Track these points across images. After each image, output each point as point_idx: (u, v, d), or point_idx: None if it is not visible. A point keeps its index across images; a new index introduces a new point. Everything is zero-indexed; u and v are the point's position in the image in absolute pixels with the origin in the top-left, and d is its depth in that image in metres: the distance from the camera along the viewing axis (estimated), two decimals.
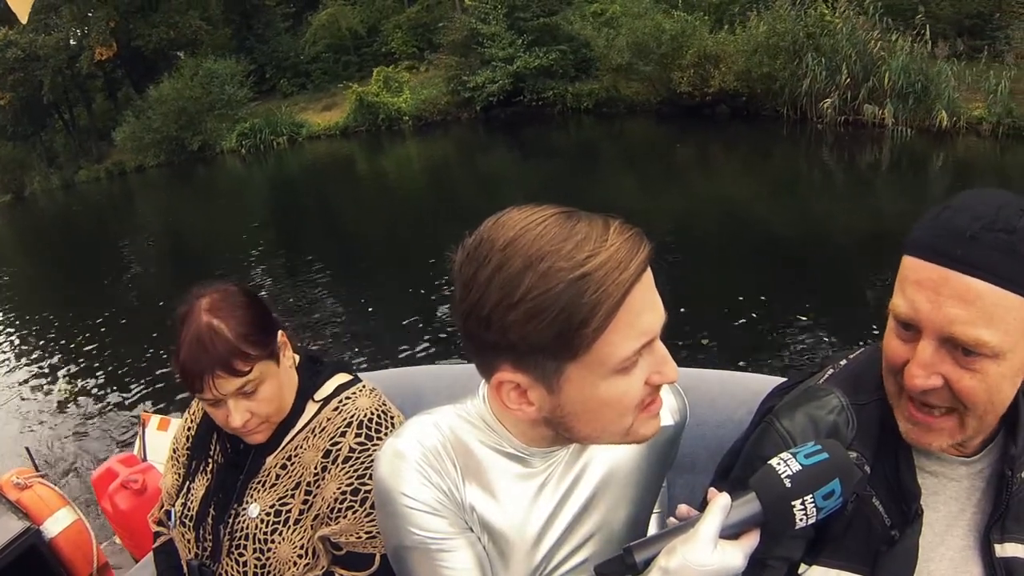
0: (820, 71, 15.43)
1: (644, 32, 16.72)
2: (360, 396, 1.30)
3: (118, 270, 12.48)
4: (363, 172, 18.59)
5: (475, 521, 0.95)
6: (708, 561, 0.79)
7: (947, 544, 0.96)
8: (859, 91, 15.21)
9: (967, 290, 0.80)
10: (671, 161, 14.77)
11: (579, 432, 0.89)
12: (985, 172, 12.48)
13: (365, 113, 21.38)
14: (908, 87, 14.79)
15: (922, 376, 0.84)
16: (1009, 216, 0.80)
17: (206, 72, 24.50)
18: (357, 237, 12.02)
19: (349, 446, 1.23)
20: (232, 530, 1.27)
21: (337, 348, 7.08)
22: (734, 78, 16.00)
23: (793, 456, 0.83)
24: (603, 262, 0.77)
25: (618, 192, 11.68)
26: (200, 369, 1.17)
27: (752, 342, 5.99)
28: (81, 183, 26.93)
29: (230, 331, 1.18)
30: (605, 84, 17.88)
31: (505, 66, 19.26)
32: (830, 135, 14.97)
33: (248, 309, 1.23)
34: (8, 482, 2.77)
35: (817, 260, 8.09)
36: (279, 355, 1.27)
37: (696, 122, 16.73)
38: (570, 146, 17.50)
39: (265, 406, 1.24)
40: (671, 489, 1.43)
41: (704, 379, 1.53)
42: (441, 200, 13.51)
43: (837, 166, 13.83)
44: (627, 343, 0.80)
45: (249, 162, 22.73)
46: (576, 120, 18.65)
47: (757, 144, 15.32)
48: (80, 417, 6.62)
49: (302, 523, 1.24)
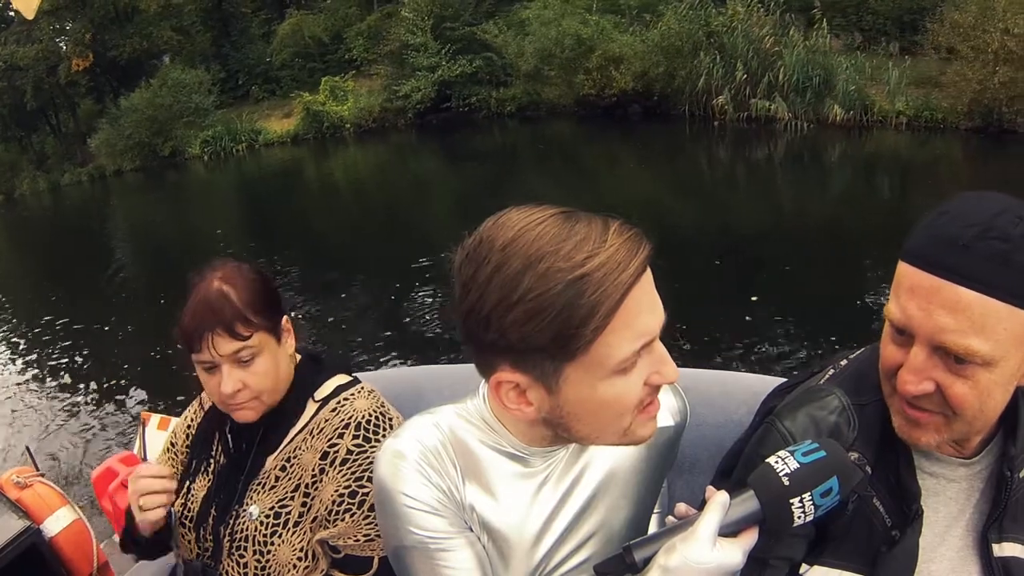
0: (716, 69, 15.72)
1: (548, 38, 17.44)
2: (358, 397, 1.30)
3: (115, 270, 12.68)
4: (312, 177, 19.40)
5: (475, 521, 0.95)
6: (707, 559, 0.79)
7: (947, 544, 0.96)
8: (757, 87, 15.55)
9: (958, 300, 0.80)
10: (581, 161, 15.44)
11: (577, 432, 0.89)
12: (875, 164, 13.05)
13: (312, 121, 22.51)
14: (806, 81, 15.01)
15: (913, 382, 0.85)
16: (1005, 224, 0.80)
17: (174, 81, 25.74)
18: (307, 238, 12.40)
19: (347, 448, 1.23)
20: (233, 531, 1.27)
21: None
22: (632, 79, 16.55)
23: (791, 454, 0.83)
24: (602, 263, 0.77)
25: (531, 190, 12.26)
26: (202, 328, 1.19)
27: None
28: (66, 186, 27.91)
29: (237, 297, 1.21)
30: (522, 90, 18.79)
31: (428, 75, 20.26)
32: (731, 132, 15.48)
33: (259, 284, 1.26)
34: (8, 481, 2.73)
35: (703, 254, 8.43)
36: (281, 335, 1.29)
37: (611, 123, 17.45)
38: (494, 149, 18.26)
39: (259, 379, 1.24)
40: (671, 489, 1.42)
41: (704, 379, 1.53)
42: (381, 203, 14.30)
43: (731, 162, 14.44)
44: (626, 344, 0.80)
45: (211, 167, 23.63)
46: (501, 124, 19.52)
47: (660, 142, 15.93)
48: (80, 416, 6.61)
49: (301, 525, 1.24)
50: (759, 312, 6.66)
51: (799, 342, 6.08)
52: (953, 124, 13.98)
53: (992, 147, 13.01)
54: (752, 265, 8.10)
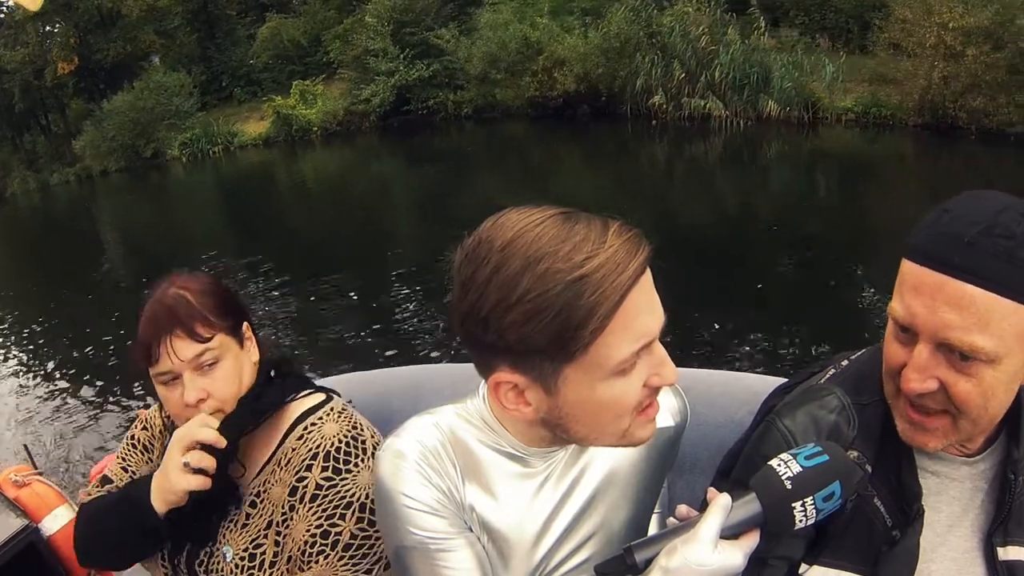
0: (655, 69, 16.05)
1: (494, 43, 18.06)
2: (327, 422, 1.20)
3: (107, 269, 12.91)
4: (281, 179, 20.04)
5: (475, 521, 0.95)
6: (708, 561, 0.79)
7: (948, 545, 0.96)
8: (695, 86, 15.88)
9: (962, 296, 0.80)
10: (530, 161, 16.10)
11: (576, 433, 0.89)
12: (812, 161, 13.47)
13: (282, 124, 23.25)
14: (744, 79, 15.26)
15: (918, 380, 0.85)
16: (1008, 221, 0.81)
17: (156, 84, 26.44)
18: (275, 237, 12.60)
19: (316, 482, 1.14)
20: (208, 570, 1.21)
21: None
22: (574, 81, 17.06)
23: (794, 457, 0.83)
24: (601, 264, 0.77)
25: (484, 190, 13.08)
26: (160, 332, 1.13)
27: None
28: (55, 186, 28.13)
29: (195, 299, 1.16)
30: (477, 92, 19.43)
31: (387, 79, 20.95)
32: (671, 130, 15.91)
33: (216, 287, 1.21)
34: (6, 480, 2.70)
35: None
36: (243, 340, 1.22)
37: (561, 123, 18.04)
38: (451, 150, 18.86)
39: (222, 387, 1.17)
40: (672, 490, 1.42)
41: (705, 380, 1.53)
42: (345, 204, 15.01)
43: (667, 160, 14.97)
44: (625, 345, 0.80)
45: (189, 169, 24.25)
46: (458, 125, 20.18)
47: (603, 142, 16.59)
48: (78, 415, 6.63)
49: (277, 566, 1.17)
50: (692, 306, 6.82)
51: (727, 336, 6.34)
52: (903, 121, 14.12)
53: (939, 143, 13.22)
54: (685, 258, 8.31)
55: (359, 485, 1.14)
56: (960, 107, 13.41)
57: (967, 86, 13.19)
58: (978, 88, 13.11)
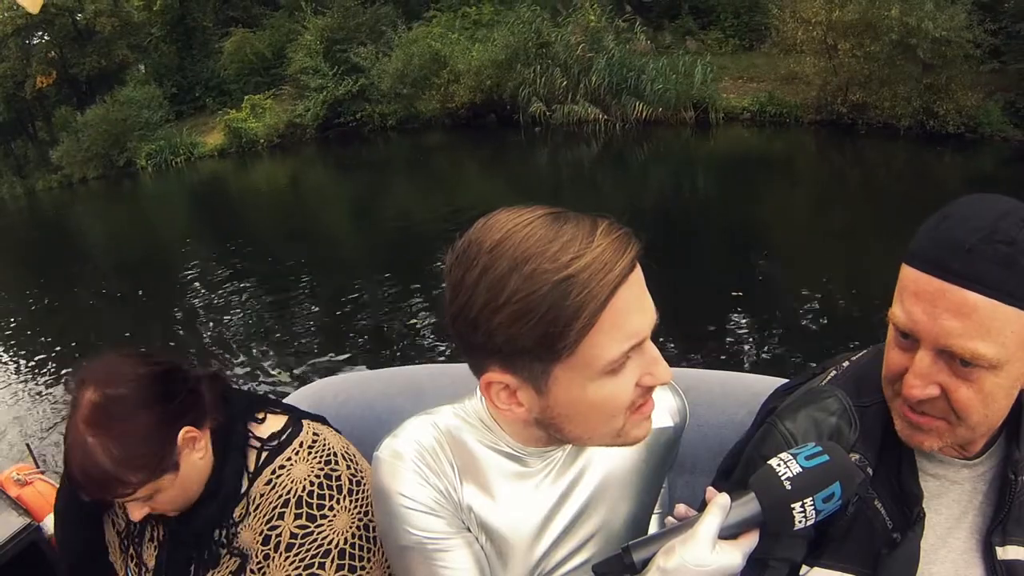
0: (537, 79, 16.66)
1: (400, 60, 19.02)
2: (296, 463, 1.12)
3: (109, 270, 13.09)
4: (233, 187, 21.06)
5: (473, 521, 0.95)
6: (707, 561, 0.79)
7: (949, 547, 0.97)
8: (576, 93, 16.43)
9: (963, 303, 0.80)
10: (440, 168, 17.16)
11: (570, 433, 0.89)
12: (689, 160, 14.12)
13: (233, 137, 24.95)
14: (620, 84, 15.77)
15: (919, 386, 0.85)
16: (1009, 227, 0.80)
17: (126, 98, 28.20)
18: (233, 241, 12.80)
19: (290, 531, 1.08)
20: None
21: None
22: (469, 92, 17.87)
23: (793, 457, 0.83)
24: (588, 264, 0.77)
25: (406, 195, 14.35)
26: (82, 490, 1.05)
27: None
28: (39, 191, 29.15)
29: (108, 456, 1.01)
30: (395, 106, 20.62)
31: (316, 95, 22.53)
32: (557, 135, 16.65)
33: (135, 418, 1.03)
34: (9, 478, 2.70)
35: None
36: (179, 461, 1.07)
37: (471, 132, 19.01)
38: (378, 159, 19.82)
39: (166, 506, 1.10)
40: (671, 490, 1.39)
41: (705, 380, 1.53)
42: (286, 210, 15.85)
43: (549, 163, 15.78)
44: (614, 345, 0.80)
45: (155, 178, 25.56)
46: (385, 136, 21.18)
47: (500, 149, 17.64)
48: None
49: None
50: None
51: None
52: (799, 119, 14.20)
53: (830, 140, 13.44)
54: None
55: (336, 530, 1.09)
56: (843, 102, 13.33)
57: (845, 81, 13.15)
58: (856, 83, 13.02)
